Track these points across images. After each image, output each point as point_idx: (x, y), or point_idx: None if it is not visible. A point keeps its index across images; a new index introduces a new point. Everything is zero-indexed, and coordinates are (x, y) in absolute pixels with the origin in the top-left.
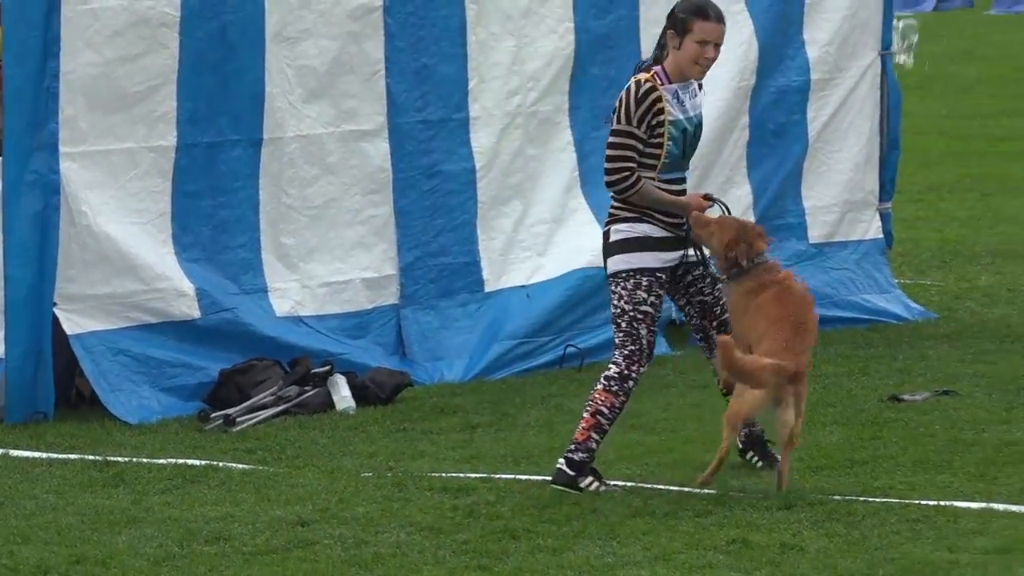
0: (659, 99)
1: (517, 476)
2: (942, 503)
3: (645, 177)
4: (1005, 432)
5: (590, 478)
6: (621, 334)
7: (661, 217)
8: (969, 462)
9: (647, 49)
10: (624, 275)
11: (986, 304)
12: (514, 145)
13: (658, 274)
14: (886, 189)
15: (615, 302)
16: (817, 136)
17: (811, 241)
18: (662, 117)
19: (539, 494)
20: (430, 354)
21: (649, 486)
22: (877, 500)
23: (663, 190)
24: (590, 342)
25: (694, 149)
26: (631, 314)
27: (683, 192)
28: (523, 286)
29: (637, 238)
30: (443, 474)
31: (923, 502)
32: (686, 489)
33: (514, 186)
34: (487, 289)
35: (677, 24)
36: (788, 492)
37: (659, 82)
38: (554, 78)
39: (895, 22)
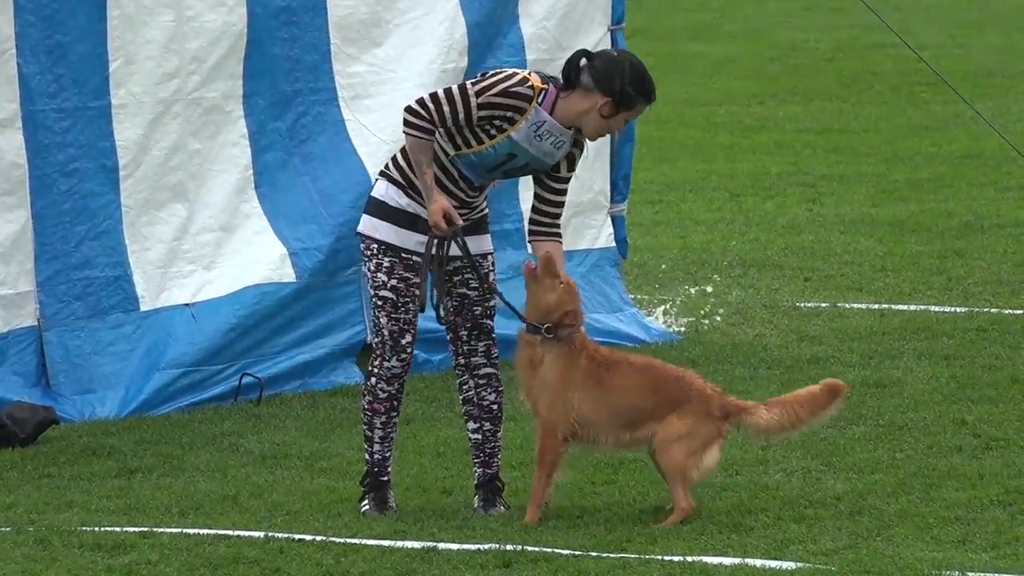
0: (521, 111)
1: (184, 530)
2: (689, 559)
3: (444, 150)
4: (761, 474)
5: (365, 500)
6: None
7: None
8: (720, 510)
9: (337, 23)
10: (367, 245)
11: (737, 323)
12: (171, 138)
13: (404, 255)
14: (619, 189)
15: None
16: None
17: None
18: (506, 127)
19: (211, 552)
20: (79, 385)
21: (342, 541)
22: (612, 556)
23: (454, 170)
24: (270, 370)
25: (506, 177)
26: (372, 299)
27: (471, 196)
28: (188, 305)
29: (393, 207)
30: (96, 528)
31: (667, 558)
32: (386, 543)
33: (173, 187)
34: (143, 308)
35: (622, 97)
36: (506, 547)
37: (539, 102)
38: (222, 59)
39: None
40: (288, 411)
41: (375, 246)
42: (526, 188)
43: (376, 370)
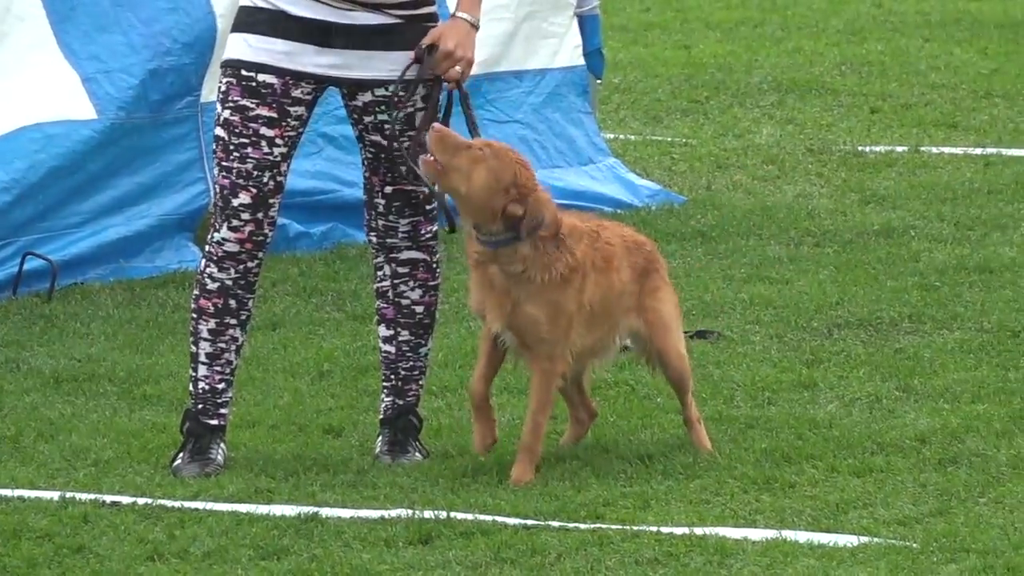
0: None
1: None
2: (698, 531)
3: None
4: (807, 403)
5: (180, 453)
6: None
7: None
8: (746, 457)
9: None
10: (222, 72)
11: (770, 176)
12: None
13: (245, 73)
14: None
15: None
16: None
17: None
18: None
19: None
20: None
21: (176, 504)
22: (583, 527)
23: None
24: (67, 251)
25: None
26: (213, 146)
27: None
28: None
29: (243, 7)
30: None
31: (665, 529)
32: (243, 508)
33: None
34: None
35: None
36: (423, 514)
37: None
38: None
39: None
40: (95, 311)
41: (226, 71)
42: None
43: (207, 248)
